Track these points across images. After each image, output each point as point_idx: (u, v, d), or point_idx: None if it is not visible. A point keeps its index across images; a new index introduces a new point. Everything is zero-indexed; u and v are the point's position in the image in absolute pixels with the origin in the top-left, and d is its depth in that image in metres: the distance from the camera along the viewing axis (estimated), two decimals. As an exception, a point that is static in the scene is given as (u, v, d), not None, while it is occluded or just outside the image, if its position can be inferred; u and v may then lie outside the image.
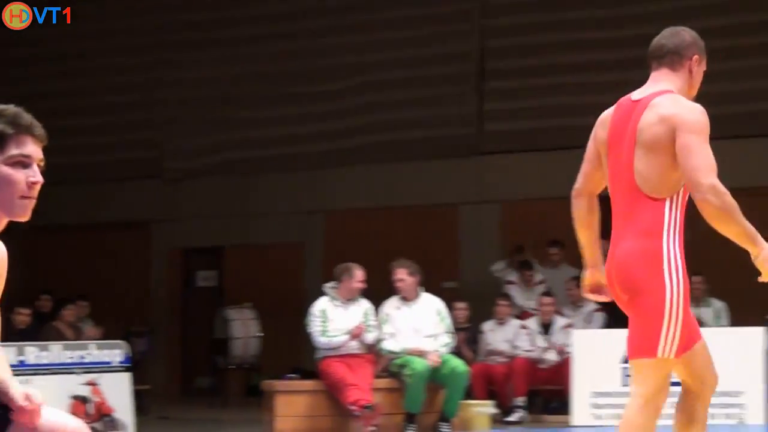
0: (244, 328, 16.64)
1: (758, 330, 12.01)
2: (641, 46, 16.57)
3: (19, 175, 3.44)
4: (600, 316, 13.99)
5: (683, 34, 4.99)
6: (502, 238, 17.04)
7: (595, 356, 12.36)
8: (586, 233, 4.97)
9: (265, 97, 18.65)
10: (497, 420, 12.80)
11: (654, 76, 4.92)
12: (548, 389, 13.62)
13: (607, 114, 4.96)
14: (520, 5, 17.44)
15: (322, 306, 11.89)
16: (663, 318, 4.72)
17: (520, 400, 13.24)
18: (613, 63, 16.38)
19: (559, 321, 13.68)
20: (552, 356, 13.46)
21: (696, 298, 13.80)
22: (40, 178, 3.46)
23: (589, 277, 5.04)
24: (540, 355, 13.42)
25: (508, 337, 13.73)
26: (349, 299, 11.91)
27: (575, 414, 12.30)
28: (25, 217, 3.48)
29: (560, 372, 12.99)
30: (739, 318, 13.51)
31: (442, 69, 17.58)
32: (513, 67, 17.22)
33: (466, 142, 17.43)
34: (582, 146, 5.08)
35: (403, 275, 11.97)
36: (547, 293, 14.01)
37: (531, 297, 14.62)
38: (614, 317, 13.82)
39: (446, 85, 17.58)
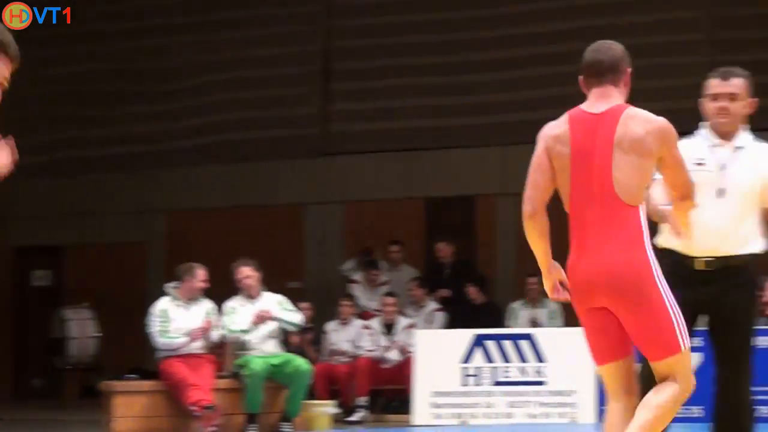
0: (80, 328, 16.41)
1: None
2: (489, 48, 16.82)
3: None
4: (441, 316, 14.20)
5: (616, 48, 5.17)
6: (346, 239, 17.13)
7: (436, 356, 12.52)
8: (543, 242, 5.11)
9: (106, 95, 18.36)
10: (339, 420, 12.85)
11: (601, 92, 5.07)
12: (390, 389, 13.70)
13: (559, 129, 5.06)
14: (367, 6, 17.53)
15: (163, 306, 11.80)
16: (670, 316, 4.96)
17: (362, 400, 13.31)
18: (459, 66, 16.64)
19: (402, 321, 13.78)
20: (394, 356, 13.54)
21: (532, 299, 14.11)
22: None
23: (552, 277, 5.19)
24: (382, 355, 13.50)
25: (351, 337, 13.80)
26: (190, 299, 11.84)
27: (416, 413, 12.44)
28: None
29: (402, 372, 13.11)
30: (573, 318, 13.83)
31: (288, 69, 17.57)
32: (358, 69, 17.29)
33: (310, 142, 17.46)
34: (426, 148, 5.17)
35: (247, 273, 11.96)
36: (390, 293, 14.11)
37: (374, 297, 14.71)
38: (455, 317, 14.07)
39: (291, 85, 17.57)
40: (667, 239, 5.69)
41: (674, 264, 5.54)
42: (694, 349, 5.77)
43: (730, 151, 5.76)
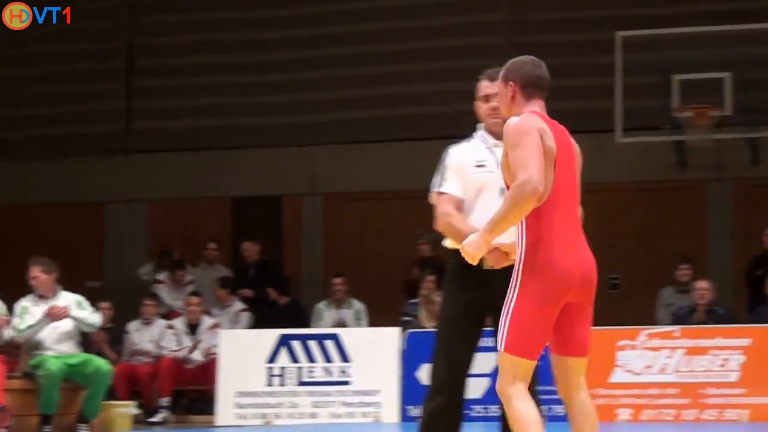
0: None
1: (394, 330, 12.41)
2: (294, 48, 16.87)
3: None
4: (247, 317, 14.14)
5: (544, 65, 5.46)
6: (149, 238, 16.93)
7: (241, 356, 12.49)
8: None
9: None
10: (140, 420, 12.70)
11: (540, 104, 5.28)
12: (194, 389, 13.60)
13: (539, 124, 5.14)
14: (170, 3, 17.36)
15: (-50, 305, 11.40)
16: None
17: (165, 401, 13.17)
18: (266, 65, 16.66)
19: (207, 321, 13.68)
20: (198, 356, 13.43)
21: (338, 300, 14.18)
22: None
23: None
24: (186, 355, 13.37)
25: (153, 337, 13.63)
26: (-20, 298, 11.49)
27: (220, 414, 12.38)
28: None
29: (206, 372, 13.04)
30: (378, 319, 13.93)
31: (91, 65, 17.25)
32: (163, 66, 17.13)
33: (114, 140, 17.18)
34: (233, 147, 5.12)
35: (37, 273, 11.61)
36: (194, 293, 13.98)
37: (179, 297, 14.55)
38: (261, 318, 14.04)
39: (95, 81, 17.25)
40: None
41: (461, 264, 5.54)
42: (486, 350, 6.04)
43: None
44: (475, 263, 5.19)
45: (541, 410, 5.30)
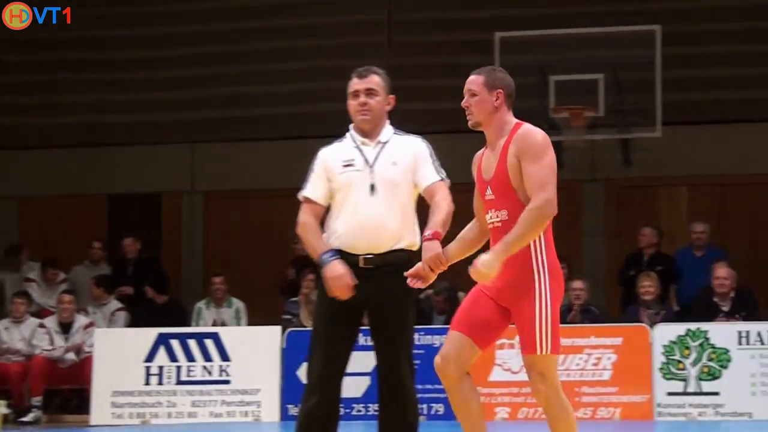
0: None
1: (275, 329, 12.37)
2: (169, 46, 16.47)
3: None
4: (123, 316, 13.94)
5: None
6: (21, 236, 16.52)
7: (117, 355, 12.36)
8: None
9: None
10: (11, 420, 12.47)
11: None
12: (68, 389, 13.41)
13: None
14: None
15: None
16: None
17: (36, 400, 12.96)
18: (143, 61, 16.45)
19: (80, 320, 13.47)
20: (71, 355, 13.23)
21: (217, 299, 14.06)
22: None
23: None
24: (59, 355, 13.17)
25: (24, 336, 13.40)
26: None
27: (94, 413, 12.24)
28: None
29: (81, 371, 12.87)
30: (257, 318, 13.85)
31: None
32: (34, 61, 16.73)
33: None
34: (112, 143, 5.01)
35: None
36: (67, 291, 13.75)
37: (52, 295, 14.32)
38: (139, 316, 13.83)
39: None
40: (338, 238, 5.79)
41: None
42: (364, 348, 6.15)
43: (375, 147, 5.87)
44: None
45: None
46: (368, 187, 5.72)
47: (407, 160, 5.83)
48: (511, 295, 5.34)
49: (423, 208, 5.84)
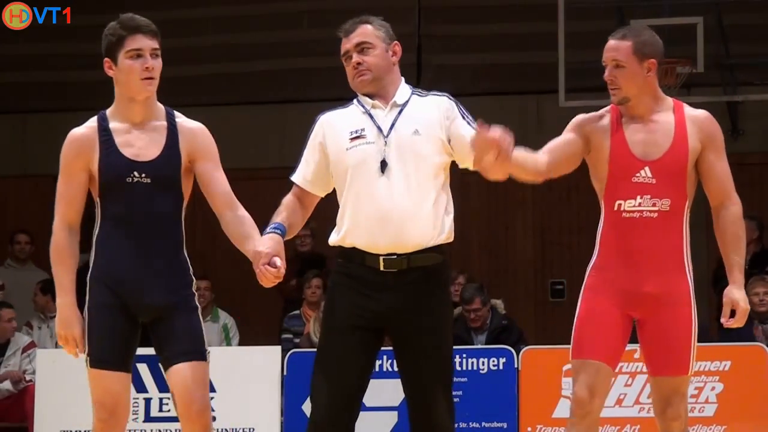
0: None
1: (274, 350, 11.12)
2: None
3: (136, 65, 5.19)
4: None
5: None
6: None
7: (65, 385, 10.80)
8: None
9: None
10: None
11: None
12: (2, 427, 11.90)
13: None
14: None
15: None
16: None
17: (-40, 443, 11.73)
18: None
19: (19, 339, 11.96)
20: (6, 385, 11.71)
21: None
22: (151, 63, 5.17)
23: None
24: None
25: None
26: None
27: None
28: (146, 93, 5.19)
29: (18, 405, 11.48)
30: (250, 336, 12.72)
31: None
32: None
33: None
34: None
35: None
36: (4, 304, 12.15)
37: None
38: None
39: None
40: (350, 235, 5.24)
41: (352, 264, 5.25)
42: (388, 376, 6.09)
43: (389, 112, 5.33)
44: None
45: None
46: (380, 164, 5.16)
47: (433, 125, 5.24)
48: (657, 306, 5.16)
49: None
